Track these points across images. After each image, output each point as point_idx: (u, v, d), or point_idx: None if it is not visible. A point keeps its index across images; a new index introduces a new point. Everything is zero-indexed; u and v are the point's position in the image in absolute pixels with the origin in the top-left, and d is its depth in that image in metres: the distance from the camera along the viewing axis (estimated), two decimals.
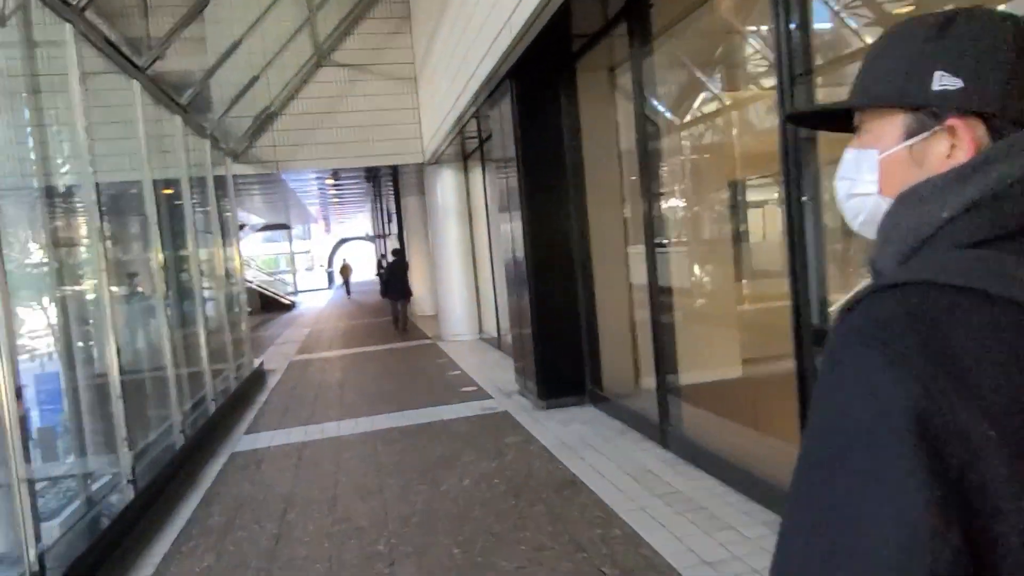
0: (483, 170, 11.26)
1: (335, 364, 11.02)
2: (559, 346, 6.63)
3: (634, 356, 6.58)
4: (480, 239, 12.06)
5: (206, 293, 9.25)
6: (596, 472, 4.69)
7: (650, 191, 5.04)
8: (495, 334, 11.20)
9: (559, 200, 6.60)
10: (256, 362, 11.01)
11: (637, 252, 6.57)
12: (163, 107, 7.23)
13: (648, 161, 5.04)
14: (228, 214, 10.78)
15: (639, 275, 6.53)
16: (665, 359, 5.08)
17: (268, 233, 51.83)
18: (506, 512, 4.16)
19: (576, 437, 5.56)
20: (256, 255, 53.21)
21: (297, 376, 10.22)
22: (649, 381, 6.42)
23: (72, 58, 4.74)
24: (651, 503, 4.08)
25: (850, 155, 0.84)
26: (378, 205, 26.19)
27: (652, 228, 5.03)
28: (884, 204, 0.78)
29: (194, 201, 9.30)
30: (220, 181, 10.53)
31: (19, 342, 6.04)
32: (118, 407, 4.97)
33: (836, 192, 0.87)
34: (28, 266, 6.06)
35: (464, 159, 12.20)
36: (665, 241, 5.17)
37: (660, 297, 5.06)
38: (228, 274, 10.74)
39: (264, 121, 11.30)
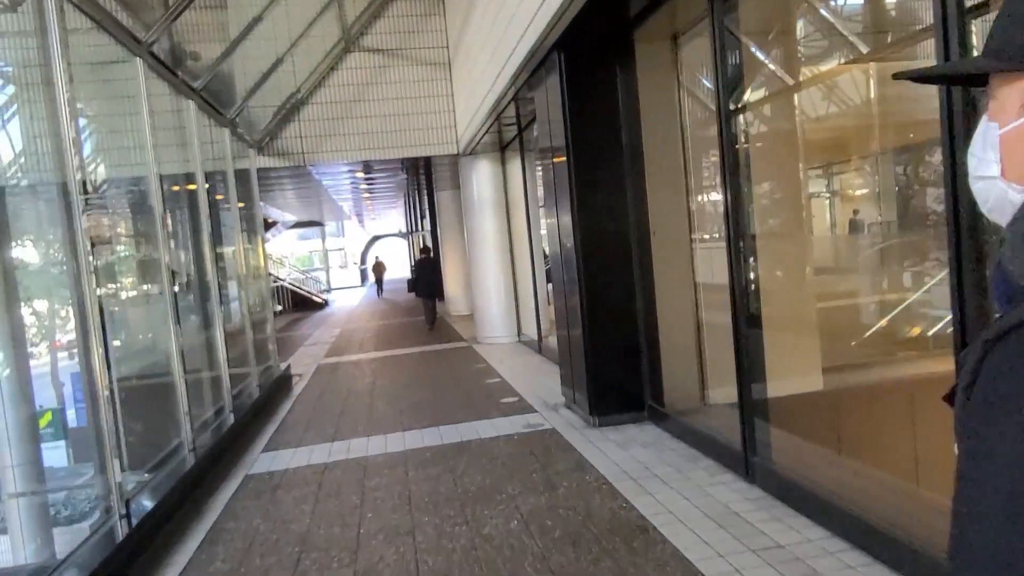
0: (522, 160, 10.48)
1: (365, 369, 10.34)
2: (614, 354, 5.83)
3: (700, 366, 5.74)
4: (519, 234, 11.29)
5: (226, 294, 8.64)
6: (670, 514, 3.88)
7: (735, 176, 4.20)
8: (535, 336, 10.42)
9: (614, 189, 5.80)
10: (282, 366, 10.39)
11: (705, 246, 5.75)
12: (174, 91, 6.59)
13: (731, 142, 4.20)
14: (252, 209, 10.17)
15: (708, 272, 5.72)
16: (750, 372, 4.24)
17: (302, 230, 51.79)
18: (565, 569, 3.38)
19: (638, 465, 4.75)
20: (290, 252, 53.29)
21: (324, 382, 9.56)
22: (719, 396, 5.60)
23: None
24: (745, 560, 3.26)
25: (981, 126, 0.72)
26: (410, 200, 25.58)
27: (736, 219, 4.19)
28: (1011, 192, 0.67)
29: (216, 197, 8.69)
30: (243, 175, 9.91)
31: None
32: (107, 420, 4.28)
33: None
34: (57, 264, 5.83)
35: (501, 149, 11.43)
36: (752, 233, 4.33)
37: (745, 297, 4.23)
38: (253, 273, 10.14)
39: (290, 111, 10.65)
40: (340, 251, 54.38)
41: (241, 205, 9.53)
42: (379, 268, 30.13)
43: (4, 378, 4.65)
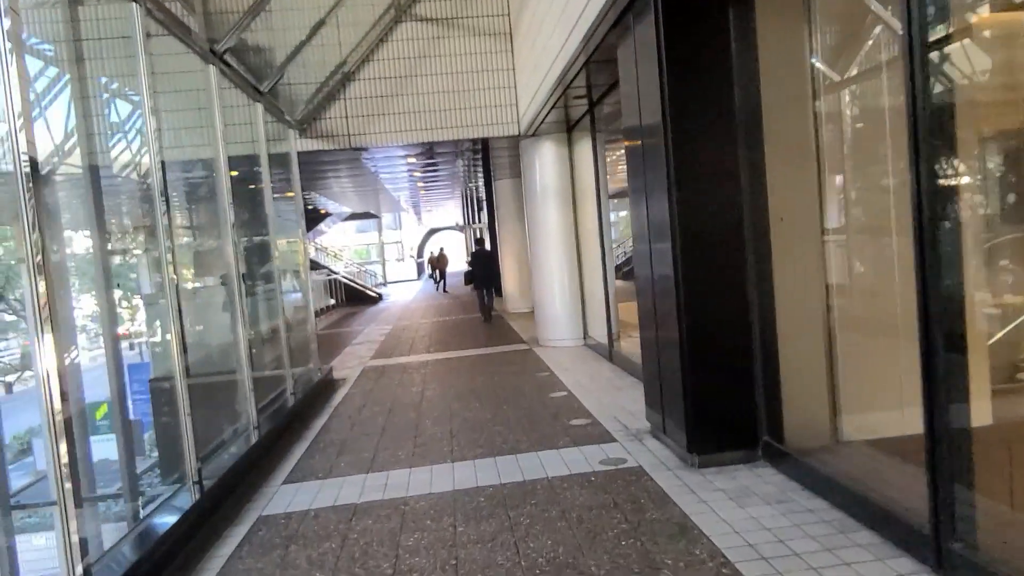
0: (593, 141, 9.23)
1: (413, 375, 9.28)
2: (719, 373, 4.57)
3: (831, 394, 4.44)
4: (586, 225, 10.06)
5: (258, 293, 7.68)
6: None
7: (933, 140, 2.89)
8: (604, 341, 9.19)
9: (724, 168, 4.52)
10: (325, 368, 9.43)
11: (840, 238, 4.44)
12: (190, 51, 5.60)
13: (925, 90, 2.89)
14: (294, 200, 9.20)
15: (844, 271, 4.42)
16: (945, 410, 2.93)
17: (360, 223, 51.64)
18: None
19: (766, 534, 3.50)
20: (347, 245, 53.18)
21: (368, 390, 8.53)
22: (857, 430, 4.30)
23: None
24: None
25: None
26: (467, 192, 24.57)
27: (932, 201, 2.89)
28: None
29: (249, 185, 7.75)
30: (282, 159, 8.96)
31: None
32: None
33: None
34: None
35: (568, 129, 10.21)
36: (955, 218, 3.00)
37: (946, 305, 2.92)
38: (291, 268, 9.18)
39: (334, 88, 9.66)
40: (397, 244, 53.99)
41: (290, 195, 8.59)
42: (441, 261, 28.39)
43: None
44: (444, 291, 26.45)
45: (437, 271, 27.55)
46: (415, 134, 9.90)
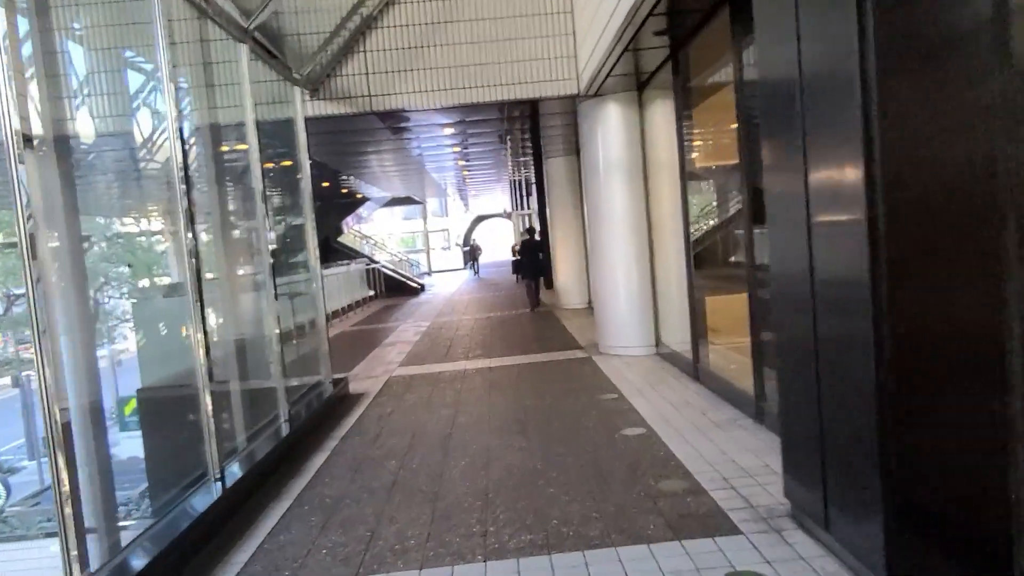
0: (676, 99, 7.25)
1: (446, 390, 7.51)
2: (949, 445, 2.65)
3: None
4: (662, 208, 8.12)
5: (243, 295, 6.02)
6: None
7: None
8: (682, 350, 7.28)
9: (968, 105, 2.57)
10: (340, 379, 7.74)
11: None
12: None
13: None
14: (296, 174, 7.49)
15: None
16: None
17: (406, 210, 50.24)
18: None
19: None
20: (392, 232, 51.94)
21: (387, 413, 6.79)
22: None
23: None
24: None
25: None
26: (513, 173, 22.71)
27: None
28: None
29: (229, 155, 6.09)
30: (284, 126, 7.25)
31: None
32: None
33: None
34: None
35: (639, 86, 8.27)
36: None
37: None
38: (295, 261, 7.49)
39: (352, 38, 7.90)
40: (443, 232, 52.51)
41: (269, 166, 6.89)
42: (474, 251, 27.89)
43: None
44: (476, 272, 29.93)
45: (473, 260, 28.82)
46: (450, 94, 8.08)
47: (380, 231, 51.67)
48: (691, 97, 6.95)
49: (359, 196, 23.33)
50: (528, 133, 12.18)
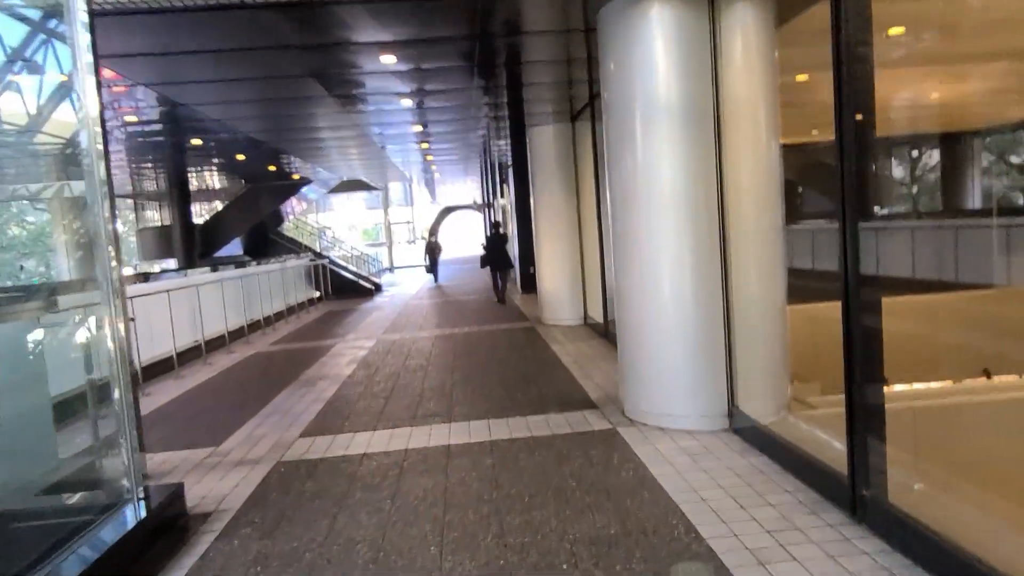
0: None
1: (364, 503, 4.03)
2: None
3: None
4: (742, 182, 4.75)
5: None
6: None
7: None
8: (795, 434, 3.90)
9: None
10: (169, 489, 4.22)
11: None
12: None
13: None
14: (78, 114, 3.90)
15: None
16: None
17: (370, 198, 46.29)
18: None
19: None
20: (353, 224, 48.07)
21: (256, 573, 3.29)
22: None
23: None
24: None
25: None
26: (486, 157, 19.20)
27: None
28: None
29: None
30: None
31: None
32: None
33: None
34: None
35: None
36: None
37: None
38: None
39: None
40: (408, 224, 48.74)
41: None
42: (432, 250, 23.63)
43: None
44: (435, 279, 23.34)
45: (431, 261, 23.43)
46: None
47: (339, 222, 47.79)
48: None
49: (296, 177, 19.59)
50: (505, 85, 8.69)
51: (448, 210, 44.89)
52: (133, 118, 9.67)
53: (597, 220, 9.50)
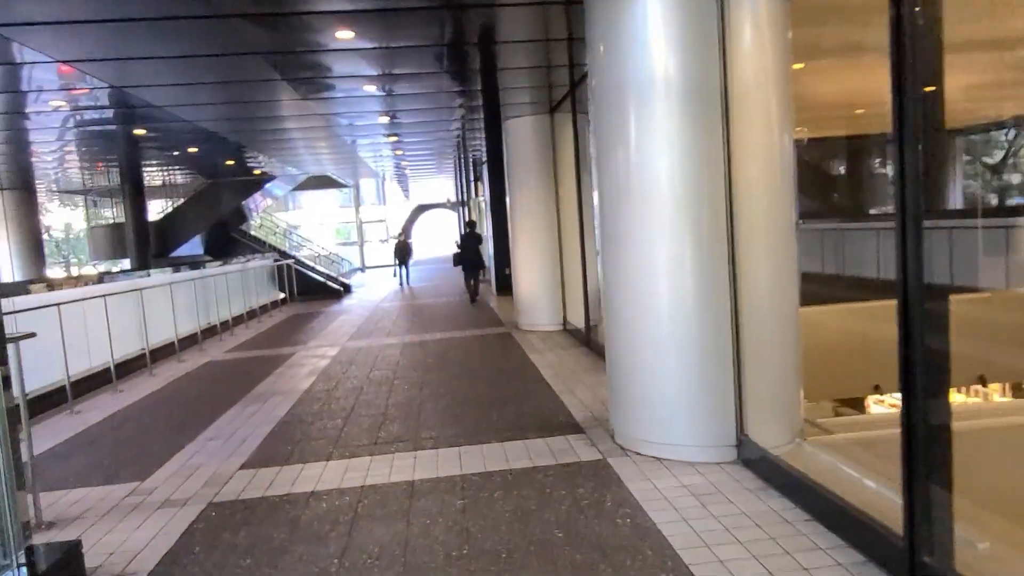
0: None
1: (310, 562, 3.28)
2: None
3: None
4: (751, 173, 4.08)
5: None
6: None
7: None
8: (822, 471, 3.23)
9: None
10: (67, 548, 3.43)
11: None
12: None
13: None
14: None
15: None
16: None
17: (343, 196, 45.13)
18: None
19: None
20: (323, 222, 46.96)
21: None
22: None
23: None
24: None
25: None
26: (462, 151, 18.44)
27: None
28: None
29: None
30: None
31: None
32: None
33: None
34: None
35: None
36: None
37: None
38: None
39: None
40: (381, 222, 47.73)
41: None
42: (403, 249, 21.97)
43: None
44: (405, 282, 21.63)
45: (401, 263, 21.82)
46: None
47: (310, 220, 46.68)
48: None
49: (259, 172, 18.64)
50: (479, 68, 7.97)
51: (422, 208, 44.04)
52: (62, 103, 8.76)
53: (578, 219, 8.81)
